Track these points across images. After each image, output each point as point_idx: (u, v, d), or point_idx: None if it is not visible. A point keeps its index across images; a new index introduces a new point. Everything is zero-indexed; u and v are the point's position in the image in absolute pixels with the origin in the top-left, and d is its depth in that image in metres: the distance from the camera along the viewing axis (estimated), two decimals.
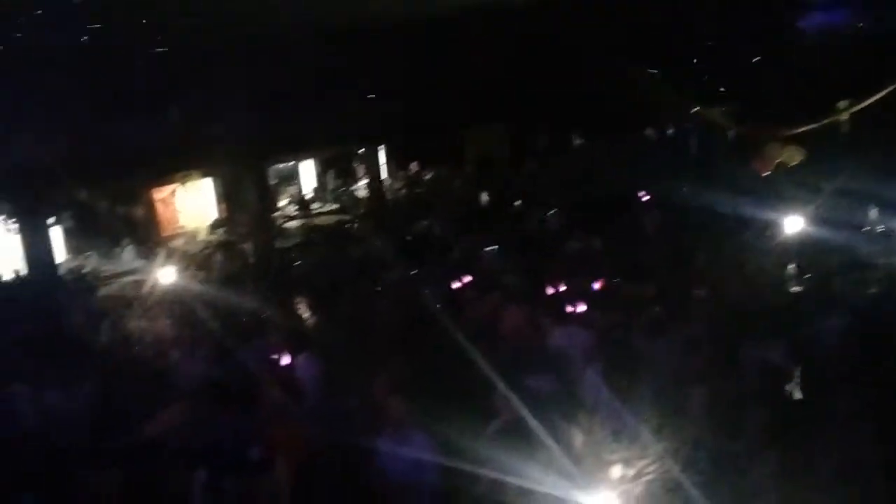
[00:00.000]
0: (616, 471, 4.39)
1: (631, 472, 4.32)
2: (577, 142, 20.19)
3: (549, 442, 4.68)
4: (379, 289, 9.91)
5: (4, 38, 11.25)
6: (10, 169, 10.81)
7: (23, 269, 12.58)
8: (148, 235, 17.13)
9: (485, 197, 16.67)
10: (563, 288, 8.15)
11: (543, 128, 19.91)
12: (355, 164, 25.00)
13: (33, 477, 5.41)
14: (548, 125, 19.68)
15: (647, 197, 13.49)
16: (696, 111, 16.86)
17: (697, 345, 6.27)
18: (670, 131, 19.05)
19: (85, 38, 12.10)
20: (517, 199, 15.51)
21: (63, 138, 11.53)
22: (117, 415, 6.32)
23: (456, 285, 9.16)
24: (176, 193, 15.24)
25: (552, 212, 13.31)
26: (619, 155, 16.94)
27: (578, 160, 18.57)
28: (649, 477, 4.27)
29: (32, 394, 6.78)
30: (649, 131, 18.85)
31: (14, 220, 12.22)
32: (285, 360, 6.55)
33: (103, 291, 13.43)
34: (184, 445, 5.19)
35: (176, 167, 14.44)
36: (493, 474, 4.51)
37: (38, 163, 11.04)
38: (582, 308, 7.44)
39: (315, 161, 23.84)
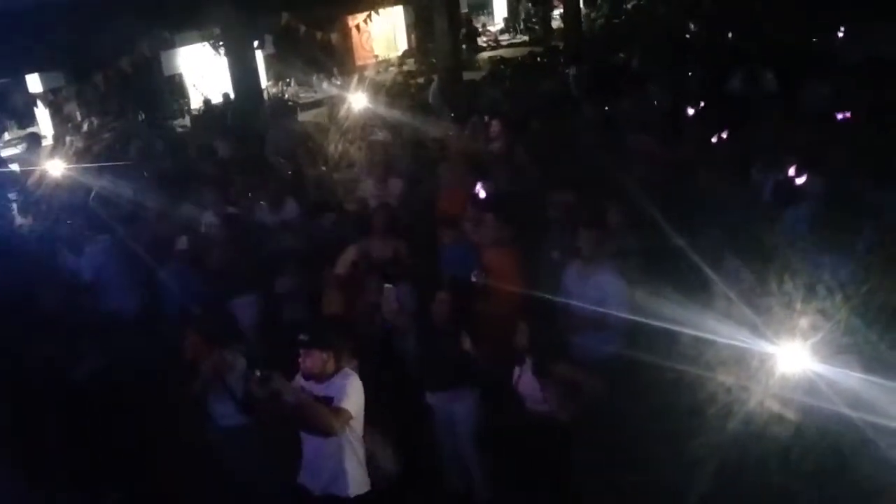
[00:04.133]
0: (805, 322, 4.06)
1: (821, 323, 3.98)
2: None
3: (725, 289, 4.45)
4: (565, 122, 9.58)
5: None
6: None
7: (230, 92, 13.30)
8: (343, 64, 17.59)
9: (693, 28, 15.11)
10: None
11: None
12: None
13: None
14: None
15: None
16: None
17: None
18: None
19: None
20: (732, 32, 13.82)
21: None
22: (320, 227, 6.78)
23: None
24: (369, 21, 15.23)
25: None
26: None
27: None
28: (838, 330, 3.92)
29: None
30: None
31: (222, 43, 12.67)
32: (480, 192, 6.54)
33: (302, 117, 14.15)
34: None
35: None
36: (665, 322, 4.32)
37: None
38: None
39: None
